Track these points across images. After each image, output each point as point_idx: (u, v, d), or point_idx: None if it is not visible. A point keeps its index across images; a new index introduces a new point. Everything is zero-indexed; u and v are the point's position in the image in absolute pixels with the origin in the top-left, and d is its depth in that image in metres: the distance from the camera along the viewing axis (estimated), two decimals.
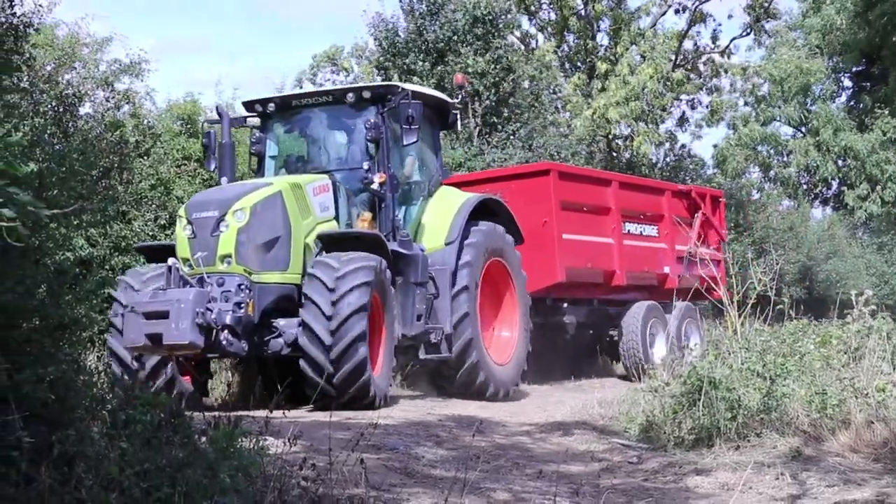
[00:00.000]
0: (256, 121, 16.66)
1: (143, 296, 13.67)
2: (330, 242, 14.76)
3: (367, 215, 15.59)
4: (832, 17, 44.58)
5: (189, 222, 14.22)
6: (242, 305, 13.75)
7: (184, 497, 6.16)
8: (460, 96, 18.59)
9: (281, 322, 14.30)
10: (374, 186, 15.50)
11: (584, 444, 12.22)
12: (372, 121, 15.59)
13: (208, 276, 13.84)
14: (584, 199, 20.54)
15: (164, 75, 67.95)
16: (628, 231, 21.54)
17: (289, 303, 14.43)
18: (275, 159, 16.69)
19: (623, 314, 21.30)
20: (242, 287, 13.83)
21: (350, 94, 15.94)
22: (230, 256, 14.00)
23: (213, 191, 15.33)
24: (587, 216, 20.57)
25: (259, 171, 16.52)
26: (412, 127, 15.25)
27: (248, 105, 16.68)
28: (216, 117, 16.38)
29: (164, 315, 13.25)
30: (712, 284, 22.21)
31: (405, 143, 15.46)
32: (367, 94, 15.91)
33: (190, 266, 13.94)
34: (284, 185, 14.74)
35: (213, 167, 16.25)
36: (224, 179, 15.59)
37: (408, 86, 16.80)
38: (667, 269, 22.45)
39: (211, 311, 13.49)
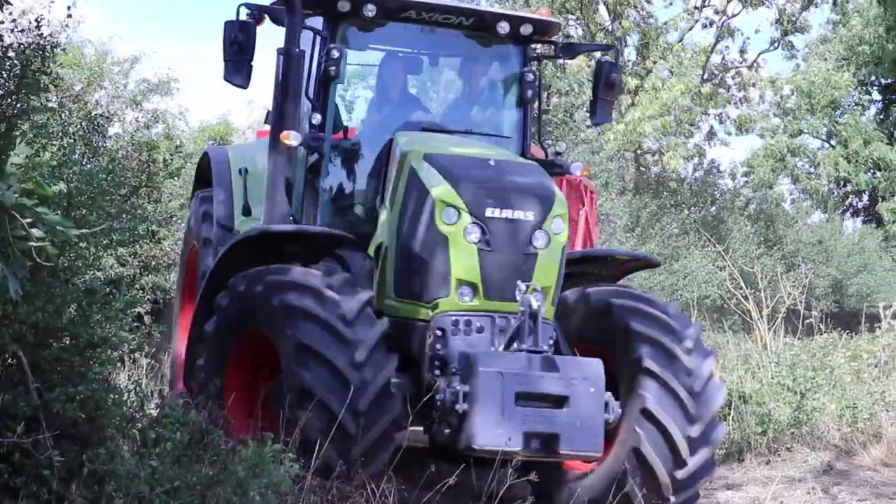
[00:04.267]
0: (318, 24, 9.78)
1: (502, 359, 7.99)
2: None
3: None
4: (860, 30, 44.37)
5: (478, 222, 8.43)
6: None
7: None
8: None
9: None
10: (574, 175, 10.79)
11: None
12: (536, 71, 10.24)
13: (503, 318, 8.42)
14: None
15: (196, 95, 68.03)
16: None
17: None
18: (345, 93, 10.48)
19: None
20: (553, 342, 8.54)
21: (503, 23, 10.01)
22: (547, 291, 8.57)
23: (491, 164, 8.88)
24: None
25: (322, 106, 9.65)
26: (610, 99, 10.39)
27: None
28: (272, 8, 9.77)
29: (559, 402, 7.85)
30: None
31: (598, 120, 10.53)
32: (526, 30, 10.10)
33: (469, 293, 8.45)
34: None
35: (240, 81, 9.47)
36: (317, 119, 9.62)
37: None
38: None
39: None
